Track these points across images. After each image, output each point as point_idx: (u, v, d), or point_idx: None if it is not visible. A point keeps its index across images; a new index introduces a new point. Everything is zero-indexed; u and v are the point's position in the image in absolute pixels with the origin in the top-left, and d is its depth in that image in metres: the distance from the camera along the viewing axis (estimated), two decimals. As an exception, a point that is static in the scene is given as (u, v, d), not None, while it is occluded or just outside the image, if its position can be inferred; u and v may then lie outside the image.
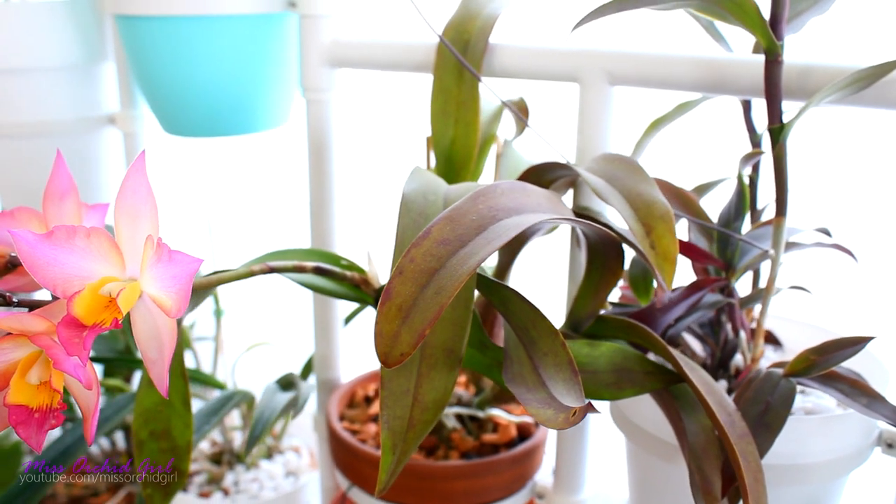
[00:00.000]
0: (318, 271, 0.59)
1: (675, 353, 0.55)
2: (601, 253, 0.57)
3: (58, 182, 0.50)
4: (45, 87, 0.86)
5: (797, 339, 0.73)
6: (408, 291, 0.43)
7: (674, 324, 0.61)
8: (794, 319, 0.74)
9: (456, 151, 0.68)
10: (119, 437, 1.11)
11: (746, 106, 0.65)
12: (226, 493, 0.91)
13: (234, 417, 0.98)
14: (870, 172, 0.82)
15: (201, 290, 0.57)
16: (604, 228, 0.54)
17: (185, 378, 0.56)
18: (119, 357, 0.93)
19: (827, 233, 0.66)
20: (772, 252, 0.59)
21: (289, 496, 0.91)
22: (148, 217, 0.43)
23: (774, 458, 0.57)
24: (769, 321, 0.75)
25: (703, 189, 0.72)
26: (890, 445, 0.62)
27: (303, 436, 1.05)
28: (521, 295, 0.50)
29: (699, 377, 0.54)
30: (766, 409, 0.54)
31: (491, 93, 0.68)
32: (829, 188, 0.83)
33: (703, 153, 0.84)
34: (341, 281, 0.60)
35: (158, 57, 0.78)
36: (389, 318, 0.43)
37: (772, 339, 0.74)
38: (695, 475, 0.52)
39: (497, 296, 0.51)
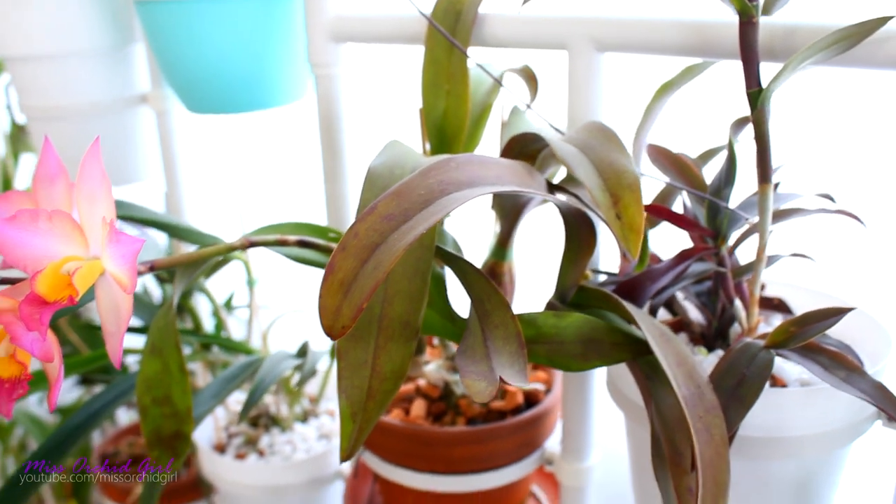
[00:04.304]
0: (302, 244, 0.60)
1: (648, 323, 0.54)
2: (575, 225, 0.57)
3: (47, 166, 0.53)
4: (81, 71, 0.91)
5: (810, 307, 0.70)
6: (349, 266, 0.44)
7: (659, 293, 0.60)
8: (807, 288, 0.72)
9: (448, 123, 0.68)
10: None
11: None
12: (261, 454, 0.96)
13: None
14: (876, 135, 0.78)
15: (189, 265, 0.59)
16: (573, 200, 0.54)
17: (178, 348, 0.59)
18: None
19: (830, 198, 0.63)
20: (755, 221, 0.57)
21: (319, 458, 0.95)
22: (103, 200, 0.45)
23: (759, 431, 0.56)
24: (782, 289, 0.73)
25: (707, 156, 0.70)
26: (891, 418, 0.60)
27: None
28: (476, 268, 0.50)
29: (672, 349, 0.53)
30: (741, 381, 0.53)
31: (486, 66, 0.68)
32: (837, 153, 0.79)
33: (712, 120, 0.81)
34: (327, 253, 0.62)
35: (175, 39, 0.81)
36: (332, 293, 0.44)
37: (783, 308, 0.72)
38: (663, 447, 0.52)
39: (456, 267, 0.52)
